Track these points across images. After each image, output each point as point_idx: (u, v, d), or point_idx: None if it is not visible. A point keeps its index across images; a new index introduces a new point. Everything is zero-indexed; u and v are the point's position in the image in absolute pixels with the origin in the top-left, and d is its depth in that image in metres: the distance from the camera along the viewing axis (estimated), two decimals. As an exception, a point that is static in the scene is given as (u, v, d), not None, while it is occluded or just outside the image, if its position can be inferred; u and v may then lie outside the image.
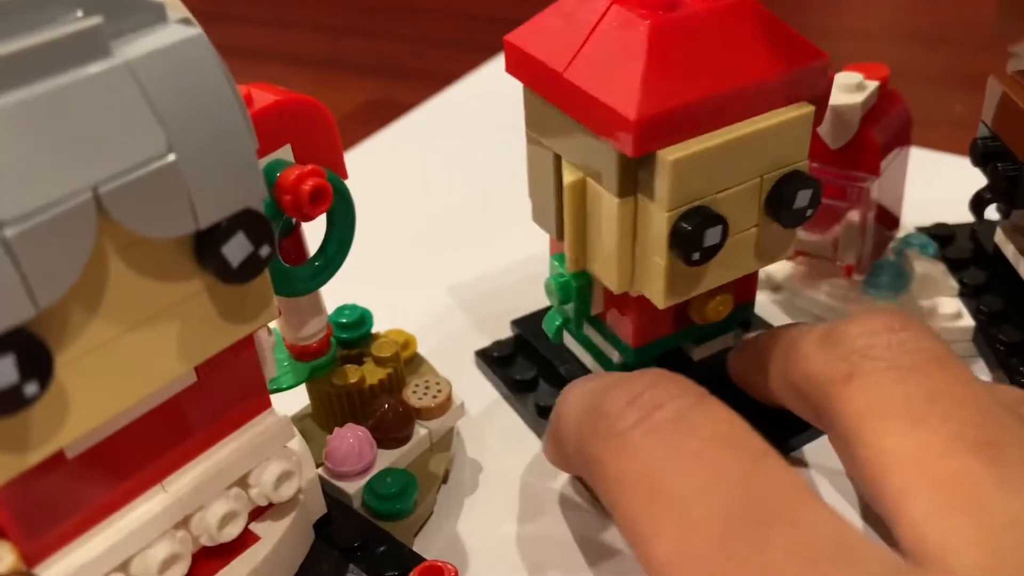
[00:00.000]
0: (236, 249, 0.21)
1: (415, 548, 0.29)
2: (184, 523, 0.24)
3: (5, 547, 0.21)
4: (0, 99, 0.17)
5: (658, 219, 0.27)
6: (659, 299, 0.28)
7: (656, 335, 0.32)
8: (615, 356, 0.33)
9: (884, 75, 0.36)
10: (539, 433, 0.34)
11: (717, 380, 0.31)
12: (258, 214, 0.21)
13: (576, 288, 0.31)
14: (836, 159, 0.35)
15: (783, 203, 0.28)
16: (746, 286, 0.32)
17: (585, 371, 0.35)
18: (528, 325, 0.37)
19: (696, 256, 0.27)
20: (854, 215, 0.35)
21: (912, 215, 0.40)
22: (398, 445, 0.31)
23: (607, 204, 0.28)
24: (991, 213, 0.36)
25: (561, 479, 0.33)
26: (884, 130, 0.35)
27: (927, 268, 0.37)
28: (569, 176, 0.29)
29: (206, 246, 0.20)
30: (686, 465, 0.20)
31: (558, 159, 0.30)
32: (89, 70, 0.18)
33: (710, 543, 0.19)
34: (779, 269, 0.39)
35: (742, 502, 0.19)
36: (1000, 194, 0.34)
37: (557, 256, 0.32)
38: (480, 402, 0.36)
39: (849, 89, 0.35)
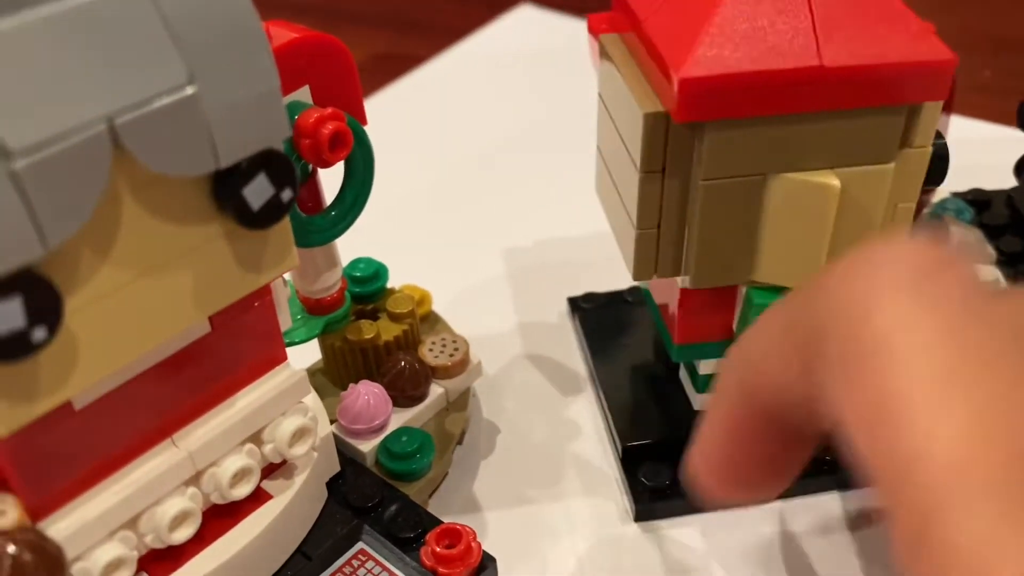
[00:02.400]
0: (257, 192, 0.19)
1: (430, 509, 0.28)
2: (195, 479, 0.23)
3: (8, 501, 0.20)
4: (8, 21, 0.16)
5: (920, 158, 0.25)
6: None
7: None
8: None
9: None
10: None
11: None
12: (281, 155, 0.20)
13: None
14: None
15: None
16: None
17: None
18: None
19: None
20: None
21: (947, 180, 0.39)
22: (413, 404, 0.30)
23: (875, 179, 0.25)
24: None
25: (579, 441, 0.32)
26: None
27: (963, 234, 0.36)
28: (829, 180, 0.24)
29: (226, 187, 0.19)
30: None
31: (750, 189, 0.25)
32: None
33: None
34: None
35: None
36: None
37: (760, 295, 0.26)
38: (497, 362, 0.35)
39: None
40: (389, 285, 0.33)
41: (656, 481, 0.30)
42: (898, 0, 0.24)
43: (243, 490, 0.24)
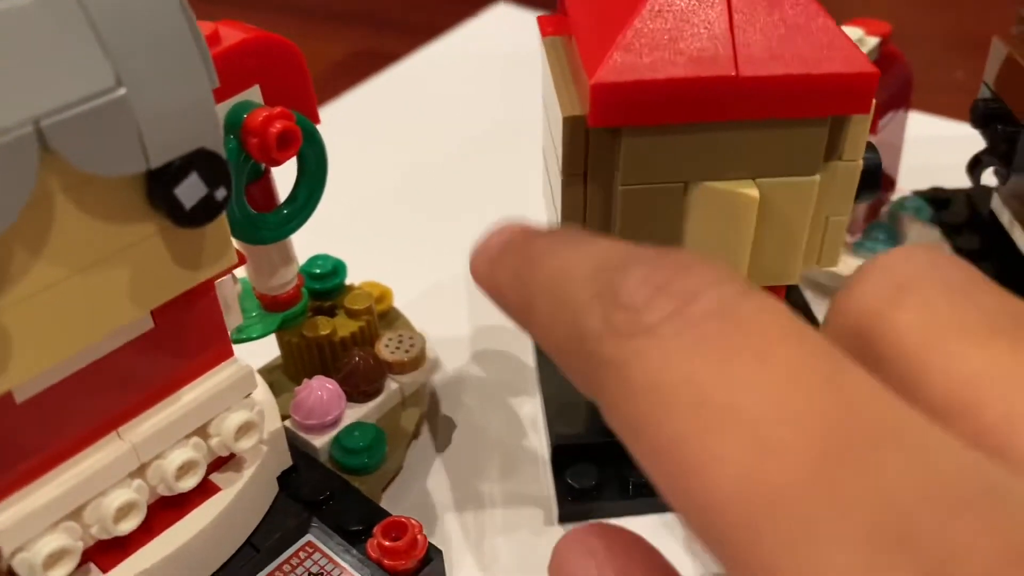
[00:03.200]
0: (190, 191, 0.20)
1: (384, 503, 0.29)
2: (141, 472, 0.24)
3: (-50, 492, 0.20)
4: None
5: (850, 172, 0.25)
6: (834, 258, 0.27)
7: None
8: None
9: (885, 32, 0.35)
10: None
11: None
12: (213, 154, 0.20)
13: None
14: None
15: None
16: None
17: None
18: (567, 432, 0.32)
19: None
20: None
21: (908, 179, 0.39)
22: (368, 399, 0.31)
23: (799, 191, 0.25)
24: (988, 178, 0.36)
25: (535, 438, 0.32)
26: (883, 89, 0.34)
27: (921, 232, 0.36)
28: (748, 190, 0.24)
29: (158, 186, 0.20)
30: (748, 370, 0.15)
31: (673, 196, 0.25)
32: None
33: (800, 471, 0.14)
34: None
35: (836, 418, 0.14)
36: (999, 156, 0.34)
37: None
38: (457, 359, 0.36)
39: None
40: (349, 282, 0.34)
41: (582, 483, 0.30)
42: (822, 11, 0.23)
43: (189, 482, 0.24)
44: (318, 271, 0.33)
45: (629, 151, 0.24)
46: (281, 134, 0.25)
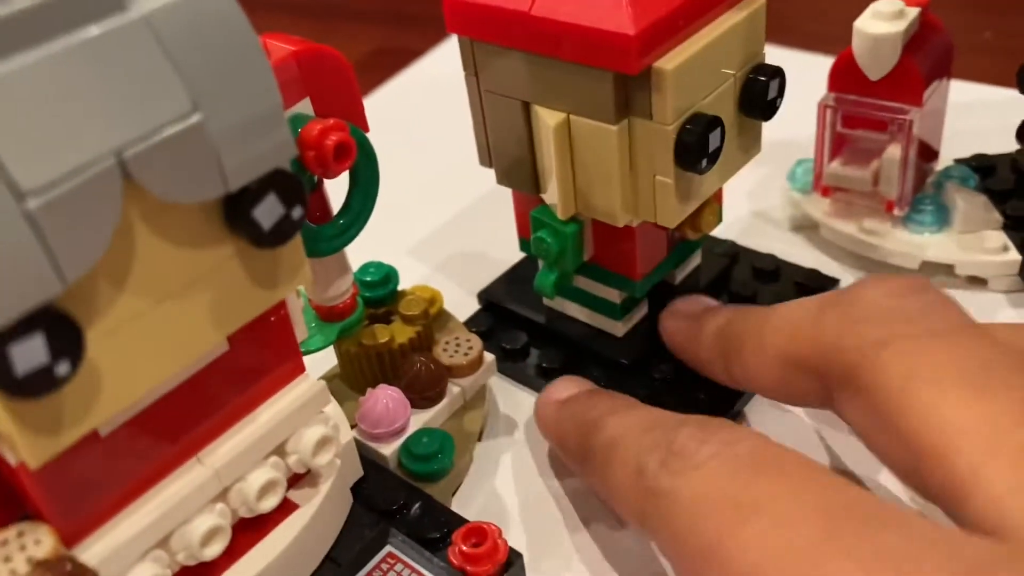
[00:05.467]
0: (268, 212, 0.20)
1: (454, 507, 0.28)
2: (223, 495, 0.23)
3: (43, 530, 0.20)
4: (12, 61, 0.16)
5: (661, 135, 0.26)
6: (670, 218, 0.28)
7: (655, 262, 0.32)
8: (615, 296, 0.32)
9: (924, 1, 0.34)
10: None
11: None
12: (289, 174, 0.20)
13: (571, 235, 0.30)
14: (876, 90, 0.34)
15: (756, 96, 0.28)
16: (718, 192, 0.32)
17: (583, 326, 0.34)
18: (498, 292, 0.37)
19: (704, 164, 0.27)
20: (895, 149, 0.34)
21: (948, 147, 0.39)
22: (431, 404, 0.31)
23: (601, 136, 0.27)
24: None
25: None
26: (926, 59, 0.34)
27: (969, 201, 0.36)
28: (551, 119, 0.28)
29: (237, 210, 0.19)
30: (771, 478, 0.20)
31: (526, 109, 0.29)
32: (104, 26, 0.17)
33: (813, 536, 0.18)
34: (816, 206, 0.38)
35: (838, 503, 0.19)
36: None
37: (539, 211, 0.30)
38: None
39: (889, 17, 0.33)
40: (400, 287, 0.33)
41: None
42: None
43: (270, 502, 0.24)
44: (370, 279, 0.32)
45: (480, 60, 0.29)
46: (338, 146, 0.24)
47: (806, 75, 0.38)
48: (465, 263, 0.40)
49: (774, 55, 0.29)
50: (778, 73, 0.28)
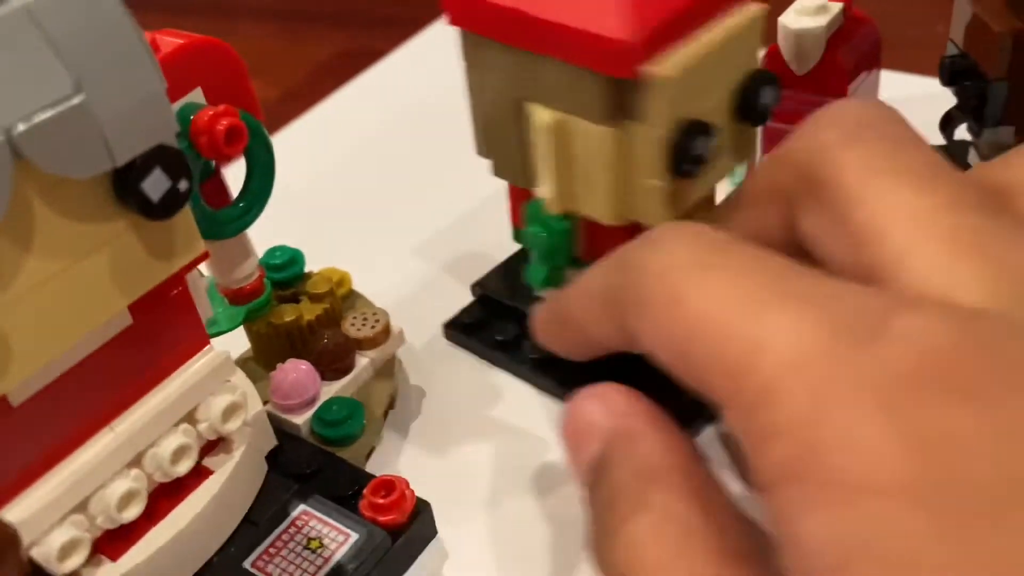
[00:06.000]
0: (155, 184, 0.21)
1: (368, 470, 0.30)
2: (137, 462, 0.25)
3: (-38, 495, 0.21)
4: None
5: (653, 139, 0.27)
6: (656, 220, 0.28)
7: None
8: None
9: None
10: (537, 384, 0.35)
11: None
12: (173, 149, 0.22)
13: (563, 231, 0.30)
14: (801, 84, 0.35)
15: (751, 102, 0.28)
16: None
17: None
18: (491, 284, 0.37)
19: (695, 169, 0.27)
20: None
21: None
22: (341, 376, 0.32)
23: (593, 136, 0.27)
24: (961, 133, 0.36)
25: (505, 406, 0.34)
26: (851, 53, 0.35)
27: None
28: (545, 117, 0.28)
29: (125, 183, 0.21)
30: (731, 252, 0.20)
31: (518, 106, 0.29)
32: (-13, 16, 0.18)
33: (762, 281, 0.18)
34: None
35: (784, 264, 0.19)
36: (970, 112, 0.34)
37: (532, 204, 0.31)
38: (422, 335, 0.37)
39: (812, 12, 0.34)
40: (307, 270, 0.35)
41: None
42: None
43: (184, 466, 0.26)
44: (277, 262, 0.34)
45: (479, 53, 0.29)
46: (228, 130, 0.26)
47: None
48: (462, 257, 0.41)
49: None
50: (771, 80, 0.29)
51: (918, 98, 0.43)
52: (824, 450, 0.15)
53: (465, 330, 0.36)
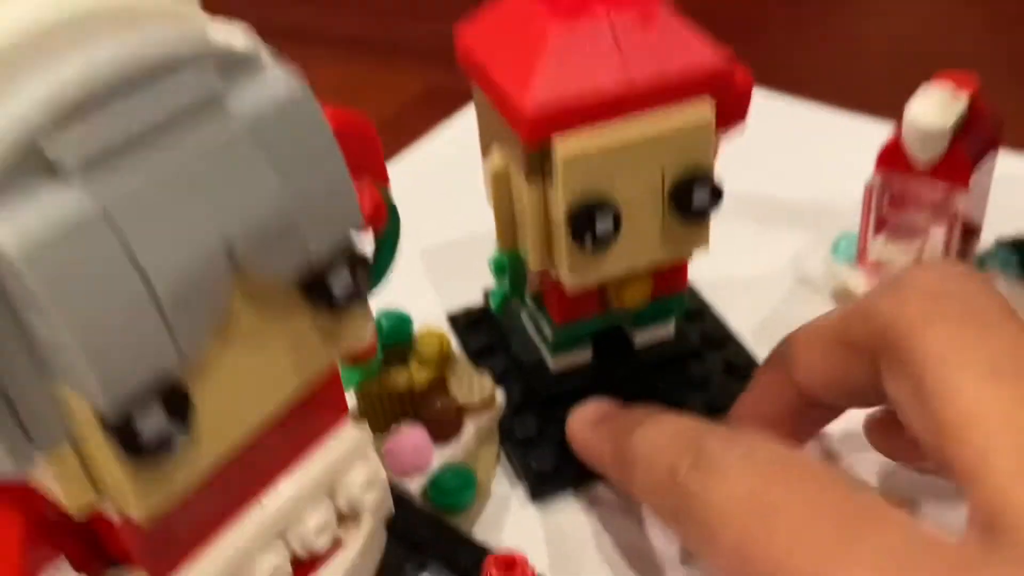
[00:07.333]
0: (339, 277, 0.22)
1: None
2: (281, 535, 0.25)
3: (137, 574, 0.22)
4: (141, 171, 0.18)
5: (558, 205, 0.28)
6: (565, 280, 0.30)
7: (579, 315, 0.33)
8: (548, 333, 0.35)
9: (974, 86, 0.35)
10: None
11: (656, 369, 0.35)
12: (354, 244, 0.22)
13: (506, 265, 0.32)
14: (923, 173, 0.35)
15: (683, 200, 0.29)
16: (672, 278, 0.33)
17: (528, 343, 0.37)
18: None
19: (589, 243, 0.28)
20: (939, 229, 0.35)
21: (991, 221, 0.39)
22: (446, 439, 0.33)
23: (522, 188, 0.29)
24: None
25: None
26: (974, 143, 0.35)
27: (1008, 290, 0.35)
28: (496, 162, 0.30)
29: (315, 279, 0.22)
30: (788, 483, 0.22)
31: (491, 145, 0.31)
32: (216, 135, 0.19)
33: (826, 537, 0.20)
34: (858, 282, 0.39)
35: (846, 504, 0.21)
36: None
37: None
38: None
39: (939, 106, 0.34)
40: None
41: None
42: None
43: (324, 540, 0.26)
44: (388, 325, 0.34)
45: (475, 94, 0.32)
46: (373, 210, 0.27)
47: (854, 140, 0.41)
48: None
49: (822, 118, 0.29)
50: (705, 184, 0.29)
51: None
52: None
53: (460, 325, 0.40)
